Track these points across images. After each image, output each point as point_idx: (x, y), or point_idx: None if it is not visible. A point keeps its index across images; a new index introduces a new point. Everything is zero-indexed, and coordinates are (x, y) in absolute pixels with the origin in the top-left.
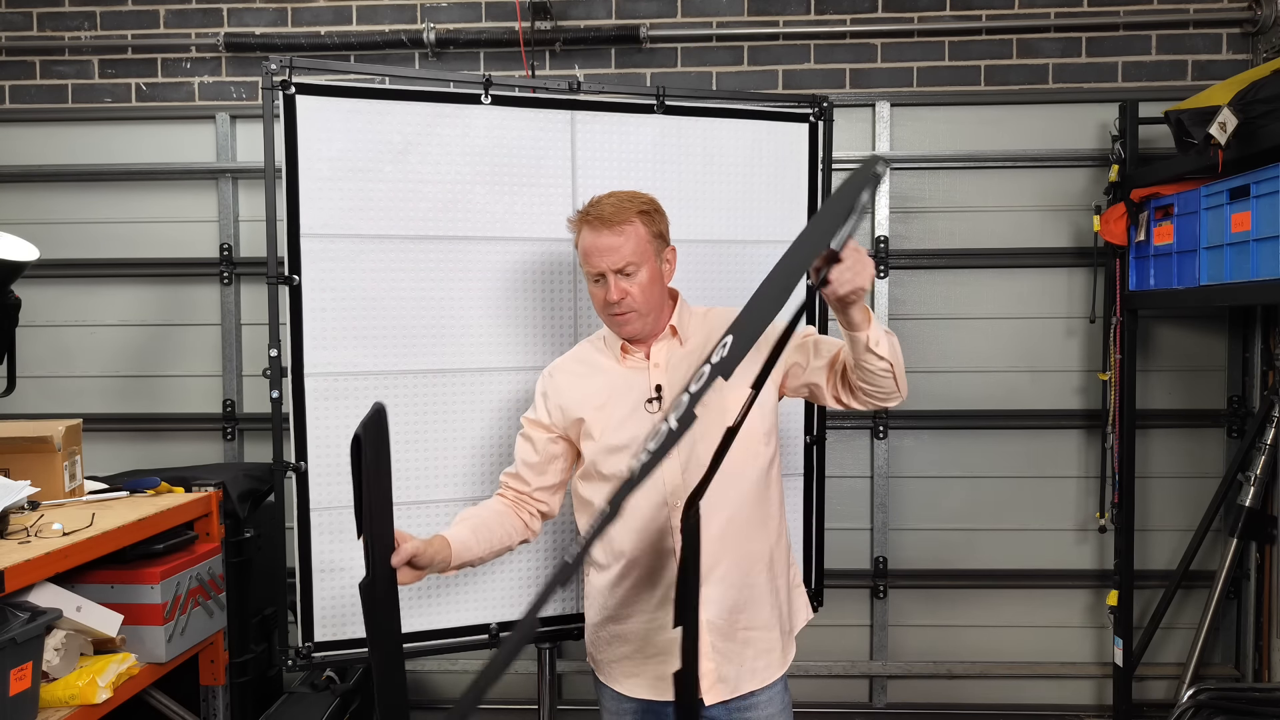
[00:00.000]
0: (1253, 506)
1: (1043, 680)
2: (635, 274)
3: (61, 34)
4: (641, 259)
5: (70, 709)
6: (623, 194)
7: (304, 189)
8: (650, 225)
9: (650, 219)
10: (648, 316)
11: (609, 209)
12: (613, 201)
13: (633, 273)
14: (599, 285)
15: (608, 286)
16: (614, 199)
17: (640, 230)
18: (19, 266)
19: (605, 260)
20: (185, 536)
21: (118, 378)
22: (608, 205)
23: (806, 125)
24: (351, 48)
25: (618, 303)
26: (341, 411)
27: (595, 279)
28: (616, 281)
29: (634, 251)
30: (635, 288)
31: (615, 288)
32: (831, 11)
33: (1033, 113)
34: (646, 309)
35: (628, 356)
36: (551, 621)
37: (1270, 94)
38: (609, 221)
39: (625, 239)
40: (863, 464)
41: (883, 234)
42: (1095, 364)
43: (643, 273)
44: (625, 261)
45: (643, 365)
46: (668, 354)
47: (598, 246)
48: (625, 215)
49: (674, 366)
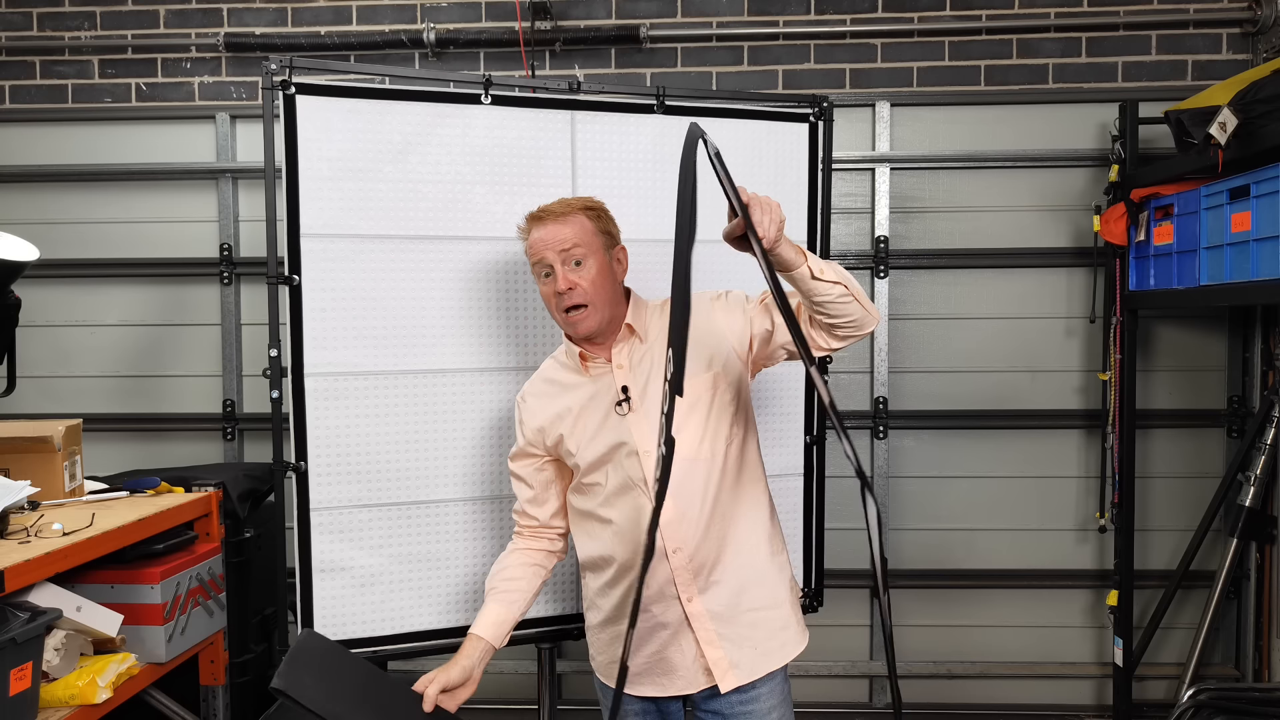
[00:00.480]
0: (1253, 506)
1: (1043, 680)
2: (584, 263)
3: (61, 34)
4: (589, 249)
5: (70, 709)
6: (569, 198)
7: (304, 189)
8: (596, 221)
9: (596, 215)
10: (602, 311)
11: (554, 203)
12: (559, 201)
13: (581, 259)
14: (549, 281)
15: (556, 277)
16: (559, 202)
17: (585, 223)
18: (19, 266)
19: (551, 248)
20: (185, 536)
21: (118, 378)
22: (553, 205)
23: (806, 125)
24: (351, 48)
25: (567, 293)
26: (341, 411)
27: (545, 274)
28: (564, 272)
29: (578, 237)
30: (584, 280)
31: (563, 277)
32: (831, 11)
33: (1033, 113)
34: (599, 303)
35: (589, 364)
36: (551, 621)
37: (1270, 94)
38: (552, 213)
39: (570, 227)
40: (863, 464)
41: (883, 234)
42: (1095, 364)
43: (591, 263)
44: (571, 243)
45: (606, 370)
46: (629, 353)
47: (543, 237)
48: (570, 209)
49: (637, 365)
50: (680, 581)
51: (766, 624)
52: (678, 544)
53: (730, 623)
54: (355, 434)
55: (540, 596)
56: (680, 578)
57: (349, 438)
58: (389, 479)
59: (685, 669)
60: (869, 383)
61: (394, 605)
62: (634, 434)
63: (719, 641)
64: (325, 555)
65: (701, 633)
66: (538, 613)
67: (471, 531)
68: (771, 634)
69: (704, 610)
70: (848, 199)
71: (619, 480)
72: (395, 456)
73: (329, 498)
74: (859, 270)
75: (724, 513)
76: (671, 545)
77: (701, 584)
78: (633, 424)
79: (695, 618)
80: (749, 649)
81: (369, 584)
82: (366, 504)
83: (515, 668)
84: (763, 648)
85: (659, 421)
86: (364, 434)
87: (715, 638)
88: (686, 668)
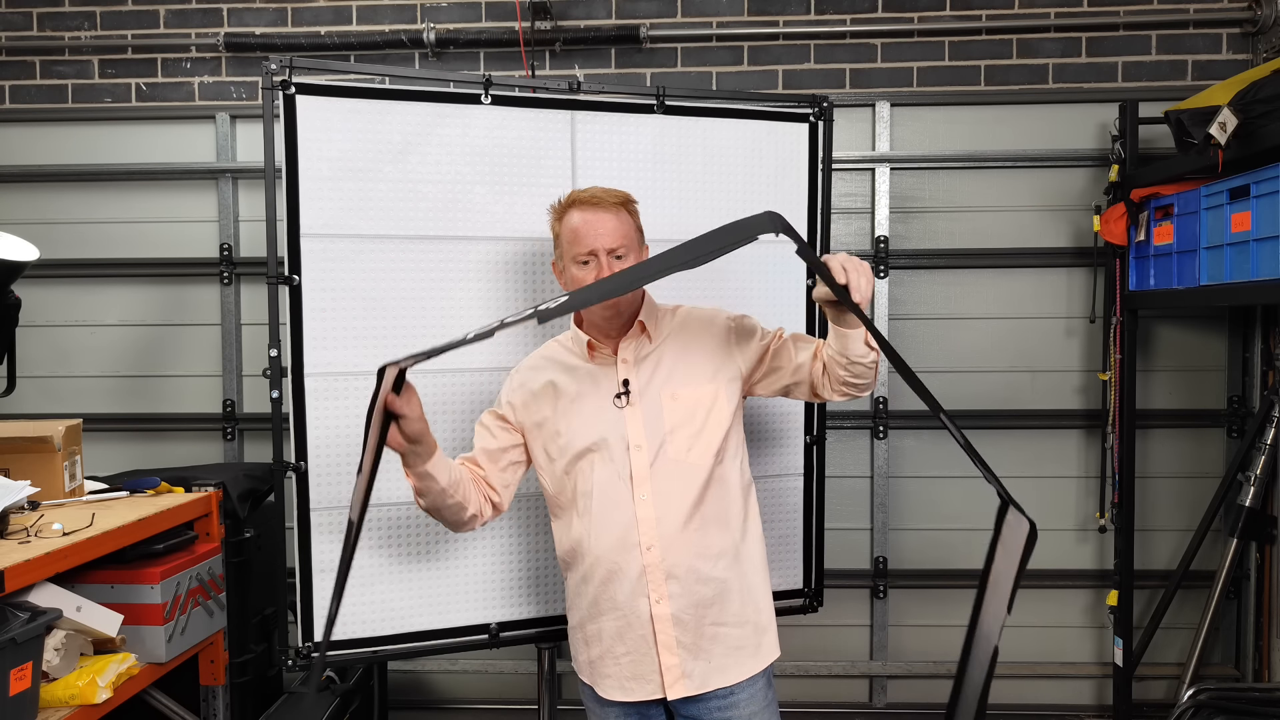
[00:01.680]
0: (1253, 506)
1: (1043, 680)
2: (625, 259)
3: (61, 34)
4: (630, 246)
5: (70, 709)
6: (610, 188)
7: (304, 189)
8: (634, 218)
9: (634, 213)
10: (628, 309)
11: (601, 190)
12: (600, 189)
13: (623, 256)
14: (587, 268)
15: (599, 267)
16: (600, 188)
17: (629, 219)
18: (19, 266)
19: (601, 239)
20: (185, 536)
21: (118, 378)
22: (598, 189)
23: (806, 125)
24: (351, 48)
25: None
26: (341, 411)
27: (584, 260)
28: (610, 263)
29: (626, 235)
30: None
31: (607, 268)
32: (831, 11)
33: (1033, 113)
34: (627, 301)
35: (595, 353)
36: (551, 621)
37: (1270, 94)
38: (602, 202)
39: (621, 221)
40: (863, 464)
41: (882, 234)
42: (1095, 364)
43: (630, 260)
44: (619, 243)
45: (610, 361)
46: (635, 349)
47: (593, 224)
48: (618, 199)
49: (641, 361)
50: (651, 580)
51: (725, 640)
52: (652, 542)
53: (691, 632)
54: (355, 434)
55: (540, 597)
56: (652, 577)
57: (349, 438)
58: (389, 479)
59: (650, 672)
60: None
61: (394, 605)
62: (629, 428)
63: (676, 649)
64: (325, 555)
65: (662, 636)
66: (538, 613)
67: (472, 531)
68: (728, 651)
69: (668, 614)
70: (848, 199)
71: (607, 473)
72: (395, 456)
73: (329, 498)
74: None
75: (702, 523)
76: (646, 542)
77: (672, 588)
78: (629, 417)
79: (659, 620)
80: (703, 662)
81: (369, 584)
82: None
83: (515, 668)
84: (717, 663)
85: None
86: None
87: (674, 644)
88: (651, 671)
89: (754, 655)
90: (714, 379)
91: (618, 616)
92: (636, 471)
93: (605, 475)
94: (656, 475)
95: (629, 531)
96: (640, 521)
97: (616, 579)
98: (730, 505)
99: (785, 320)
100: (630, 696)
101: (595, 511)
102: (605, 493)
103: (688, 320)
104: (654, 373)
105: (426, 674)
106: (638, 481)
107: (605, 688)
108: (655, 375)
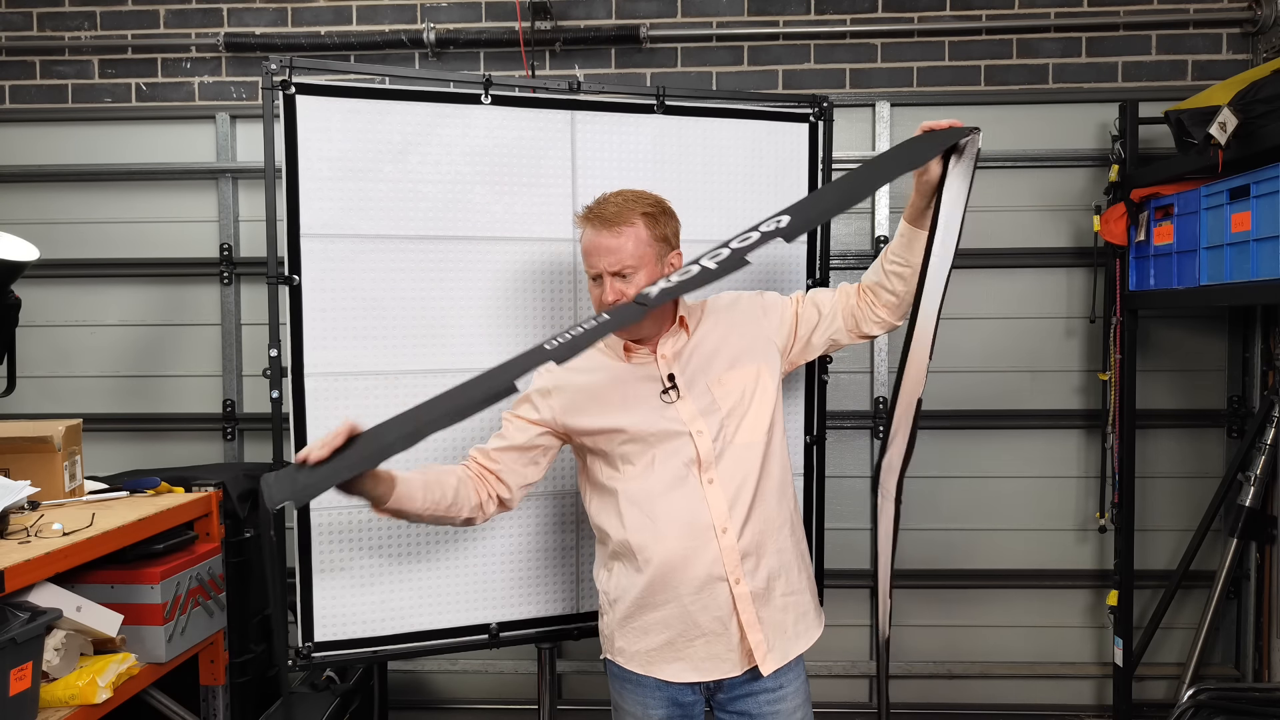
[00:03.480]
0: (1253, 506)
1: (1043, 680)
2: (632, 277)
3: (61, 34)
4: (640, 262)
5: (70, 709)
6: (629, 193)
7: (304, 189)
8: (653, 228)
9: (654, 221)
10: (644, 321)
11: (611, 209)
12: (617, 201)
13: (629, 275)
14: (597, 285)
15: (605, 288)
16: (619, 199)
17: (641, 232)
18: (19, 266)
19: (602, 261)
20: (185, 537)
21: (118, 378)
22: (611, 205)
23: (806, 125)
24: (351, 48)
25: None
26: (341, 411)
27: (594, 279)
28: (612, 284)
29: (632, 255)
30: (632, 290)
31: (610, 289)
32: (831, 11)
33: (1033, 113)
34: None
35: (633, 355)
36: (551, 621)
37: (1270, 94)
38: (609, 222)
39: (624, 240)
40: (863, 464)
41: (883, 234)
42: (1095, 364)
43: (640, 276)
44: (622, 265)
45: (649, 360)
46: (673, 345)
47: (596, 246)
48: (627, 216)
49: (684, 356)
50: (729, 563)
51: (794, 608)
52: (726, 524)
53: (767, 606)
54: None
55: (539, 597)
56: (728, 559)
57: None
58: None
59: (729, 652)
60: (869, 383)
61: (394, 605)
62: (684, 418)
63: (759, 625)
64: (325, 555)
65: (745, 615)
66: (538, 613)
67: (471, 531)
68: (798, 618)
69: (748, 592)
70: None
71: (670, 466)
72: (397, 458)
73: (329, 498)
74: (859, 270)
75: (764, 498)
76: (720, 526)
77: (747, 566)
78: (682, 409)
79: (740, 599)
80: (779, 633)
81: (369, 584)
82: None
83: (515, 668)
84: (791, 631)
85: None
86: None
87: (755, 620)
88: (731, 650)
89: (816, 620)
90: (754, 358)
91: (690, 602)
92: (703, 458)
93: (668, 469)
94: (721, 460)
95: (699, 517)
96: (712, 506)
97: (688, 566)
98: (784, 475)
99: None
100: (708, 676)
101: (660, 505)
102: (669, 485)
103: (715, 309)
104: (696, 364)
105: (426, 674)
106: (705, 467)
107: (673, 672)
108: (697, 365)
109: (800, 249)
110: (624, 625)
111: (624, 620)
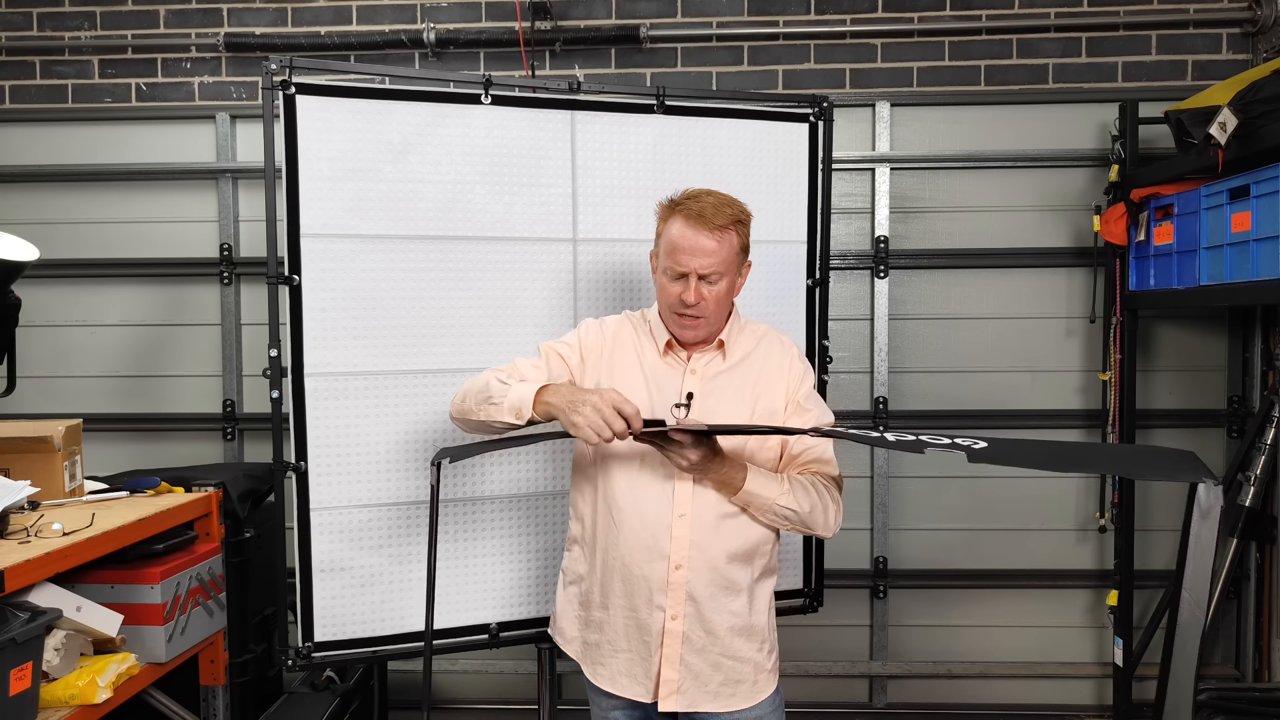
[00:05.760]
0: (1253, 506)
1: (1043, 680)
2: (717, 283)
3: (61, 34)
4: (727, 269)
5: (70, 709)
6: (723, 196)
7: (304, 189)
8: (742, 237)
9: (744, 230)
10: (712, 326)
11: (710, 207)
12: (714, 201)
13: (716, 281)
14: (677, 283)
15: (687, 287)
16: (715, 200)
17: (734, 240)
18: (19, 266)
19: (696, 261)
20: (185, 536)
21: (118, 378)
22: (710, 203)
23: (806, 125)
24: (351, 48)
25: (693, 306)
26: (341, 411)
27: (676, 276)
28: (698, 286)
29: (725, 261)
30: (712, 298)
31: (695, 290)
32: (831, 11)
33: (1033, 113)
34: (714, 319)
35: (669, 353)
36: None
37: (1270, 94)
38: (710, 222)
39: (722, 245)
40: (863, 464)
41: (882, 234)
42: (1095, 364)
43: (723, 283)
44: (713, 270)
45: (679, 366)
46: (707, 364)
47: (694, 245)
48: (725, 220)
49: (710, 378)
50: (672, 598)
51: (726, 671)
52: (681, 561)
53: (696, 653)
54: (355, 434)
55: (540, 597)
56: (673, 594)
57: (349, 438)
58: (389, 479)
59: (646, 677)
60: (869, 383)
61: (394, 605)
62: None
63: (678, 664)
64: (325, 555)
65: (668, 650)
66: (538, 613)
67: (471, 531)
68: (726, 682)
69: (680, 631)
70: (848, 199)
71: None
72: (395, 456)
73: (329, 498)
74: (859, 270)
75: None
76: (676, 560)
77: (688, 609)
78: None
79: (669, 634)
80: (698, 684)
81: (369, 584)
82: (366, 504)
83: (515, 668)
84: (712, 689)
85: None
86: (364, 434)
87: (677, 660)
88: (648, 676)
89: (750, 691)
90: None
91: (628, 616)
92: (679, 489)
93: (648, 480)
94: (698, 497)
95: (660, 543)
96: (675, 539)
97: (638, 584)
98: (760, 544)
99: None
100: (621, 692)
101: (629, 514)
102: (644, 499)
103: (768, 351)
104: (718, 395)
105: None
106: (679, 500)
107: (596, 674)
108: (718, 398)
109: (800, 249)
110: (571, 605)
111: (568, 603)
